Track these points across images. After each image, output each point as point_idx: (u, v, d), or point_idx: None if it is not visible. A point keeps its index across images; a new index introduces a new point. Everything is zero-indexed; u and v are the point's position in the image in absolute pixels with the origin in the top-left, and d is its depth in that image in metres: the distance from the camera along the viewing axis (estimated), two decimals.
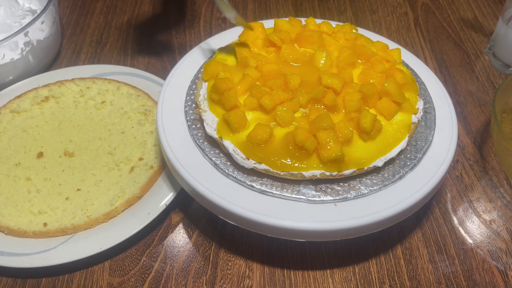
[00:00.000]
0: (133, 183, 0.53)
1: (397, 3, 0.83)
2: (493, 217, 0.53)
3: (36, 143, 0.58)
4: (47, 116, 0.61)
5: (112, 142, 0.57)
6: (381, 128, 0.45)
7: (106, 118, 0.60)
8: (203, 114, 0.47)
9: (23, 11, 0.70)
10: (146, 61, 0.72)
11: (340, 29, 0.55)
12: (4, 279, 0.48)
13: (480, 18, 0.79)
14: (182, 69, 0.55)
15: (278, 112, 0.44)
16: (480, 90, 0.67)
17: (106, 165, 0.55)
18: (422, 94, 0.53)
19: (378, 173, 0.45)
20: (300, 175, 0.43)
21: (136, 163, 0.55)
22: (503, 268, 0.49)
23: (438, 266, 0.49)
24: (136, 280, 0.47)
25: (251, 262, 0.49)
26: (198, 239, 0.51)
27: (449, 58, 0.72)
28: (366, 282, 0.47)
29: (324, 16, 0.80)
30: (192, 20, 0.79)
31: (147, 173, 0.54)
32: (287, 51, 0.50)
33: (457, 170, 0.57)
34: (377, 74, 0.48)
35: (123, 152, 0.56)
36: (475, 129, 0.62)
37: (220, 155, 0.46)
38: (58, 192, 0.53)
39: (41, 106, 0.62)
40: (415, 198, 0.44)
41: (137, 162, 0.55)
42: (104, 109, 0.61)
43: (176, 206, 0.54)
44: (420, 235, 0.51)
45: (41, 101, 0.62)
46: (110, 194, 0.52)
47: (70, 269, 0.48)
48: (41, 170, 0.55)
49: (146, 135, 0.58)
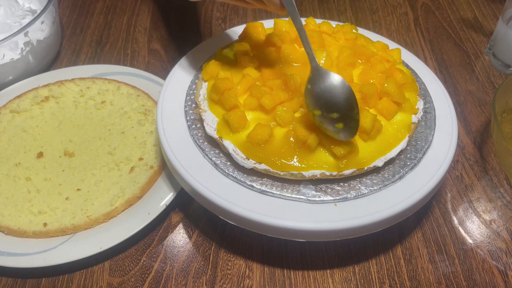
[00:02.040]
0: (133, 183, 0.53)
1: (397, 3, 0.83)
2: (493, 217, 0.53)
3: (36, 143, 0.58)
4: (47, 116, 0.61)
5: (112, 142, 0.57)
6: (381, 128, 0.45)
7: (106, 118, 0.60)
8: (203, 114, 0.47)
9: (23, 11, 0.70)
10: (146, 61, 0.72)
11: (340, 29, 0.55)
12: (4, 279, 0.48)
13: (480, 18, 0.79)
14: (182, 69, 0.55)
15: (278, 112, 0.44)
16: (480, 90, 0.67)
17: (106, 165, 0.55)
18: (422, 94, 0.52)
19: (378, 173, 0.45)
20: (300, 175, 0.43)
21: (136, 163, 0.55)
22: (503, 268, 0.49)
23: (438, 266, 0.49)
24: (136, 280, 0.47)
25: (251, 262, 0.49)
26: (198, 239, 0.51)
27: (449, 58, 0.72)
28: (366, 282, 0.47)
29: (324, 16, 0.80)
30: (192, 20, 0.79)
31: (147, 173, 0.54)
32: (287, 51, 0.50)
33: (457, 170, 0.57)
34: (377, 74, 0.48)
35: (123, 152, 0.56)
36: (475, 129, 0.62)
37: (220, 155, 0.46)
38: (58, 192, 0.53)
39: (41, 106, 0.62)
40: (415, 198, 0.44)
41: (137, 162, 0.55)
42: (104, 109, 0.61)
43: (176, 206, 0.53)
44: (420, 235, 0.51)
45: (41, 101, 0.62)
46: (110, 194, 0.52)
47: (70, 269, 0.48)
48: (41, 170, 0.55)
49: (146, 135, 0.58)
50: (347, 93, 0.42)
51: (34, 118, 0.60)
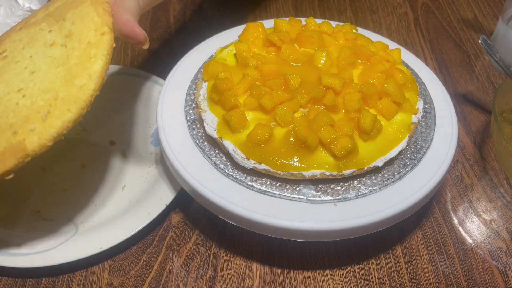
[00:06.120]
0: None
1: (397, 3, 0.83)
2: (493, 217, 0.53)
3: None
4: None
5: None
6: (381, 128, 0.45)
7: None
8: (203, 114, 0.47)
9: (23, 11, 0.70)
10: (146, 61, 0.72)
11: (340, 29, 0.55)
12: (4, 279, 0.48)
13: (480, 18, 0.79)
14: (182, 69, 0.55)
15: (278, 112, 0.44)
16: (480, 90, 0.67)
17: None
18: (422, 94, 0.53)
19: (378, 173, 0.45)
20: (300, 175, 0.43)
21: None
22: (503, 268, 0.49)
23: (438, 266, 0.49)
24: (136, 280, 0.47)
25: (251, 262, 0.49)
26: (198, 239, 0.51)
27: (449, 58, 0.72)
28: (366, 282, 0.47)
29: (324, 16, 0.80)
30: (192, 20, 0.79)
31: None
32: (287, 51, 0.50)
33: (457, 170, 0.57)
34: (377, 74, 0.48)
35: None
36: (475, 129, 0.62)
37: (220, 155, 0.46)
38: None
39: None
40: (415, 198, 0.44)
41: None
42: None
43: (176, 206, 0.53)
44: (420, 235, 0.51)
45: None
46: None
47: (70, 269, 0.48)
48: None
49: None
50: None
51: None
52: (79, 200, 0.52)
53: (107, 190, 0.53)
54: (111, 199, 0.53)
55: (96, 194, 0.53)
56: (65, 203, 0.52)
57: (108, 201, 0.52)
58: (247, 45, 0.51)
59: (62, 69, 0.39)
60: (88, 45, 0.40)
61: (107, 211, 0.51)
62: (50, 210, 0.52)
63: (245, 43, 0.52)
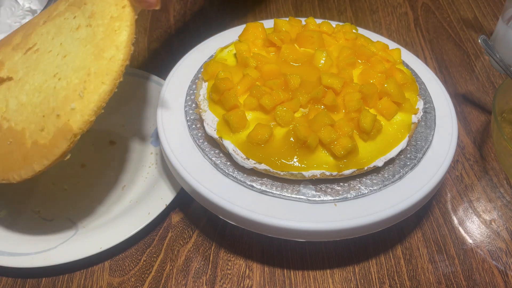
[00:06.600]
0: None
1: (397, 3, 0.83)
2: (493, 217, 0.53)
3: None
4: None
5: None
6: (381, 128, 0.45)
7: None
8: (203, 114, 0.47)
9: (23, 11, 0.70)
10: (146, 61, 0.72)
11: (340, 29, 0.55)
12: (4, 279, 0.48)
13: (480, 18, 0.79)
14: (182, 69, 0.55)
15: (278, 112, 0.44)
16: (480, 90, 0.67)
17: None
18: (422, 94, 0.53)
19: (378, 173, 0.45)
20: (300, 175, 0.43)
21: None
22: (503, 268, 0.49)
23: (438, 266, 0.49)
24: (136, 280, 0.47)
25: (251, 262, 0.49)
26: (198, 239, 0.51)
27: (449, 58, 0.72)
28: (366, 282, 0.47)
29: (324, 16, 0.80)
30: (192, 20, 0.79)
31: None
32: (287, 51, 0.50)
33: (457, 170, 0.57)
34: (377, 74, 0.48)
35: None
36: (475, 129, 0.62)
37: (220, 155, 0.46)
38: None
39: None
40: (415, 198, 0.44)
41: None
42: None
43: (176, 206, 0.53)
44: (420, 235, 0.51)
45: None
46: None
47: (70, 269, 0.48)
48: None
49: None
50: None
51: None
52: (79, 200, 0.53)
53: (107, 190, 0.53)
54: (111, 199, 0.53)
55: (96, 194, 0.53)
56: (65, 203, 0.52)
57: (108, 201, 0.52)
58: (247, 45, 0.51)
59: (91, 46, 0.41)
60: (111, 19, 0.41)
61: (107, 211, 0.51)
62: (50, 210, 0.52)
63: (245, 43, 0.52)
